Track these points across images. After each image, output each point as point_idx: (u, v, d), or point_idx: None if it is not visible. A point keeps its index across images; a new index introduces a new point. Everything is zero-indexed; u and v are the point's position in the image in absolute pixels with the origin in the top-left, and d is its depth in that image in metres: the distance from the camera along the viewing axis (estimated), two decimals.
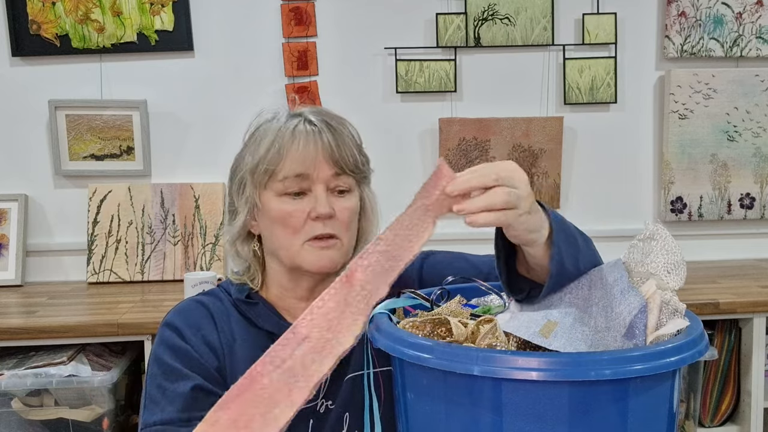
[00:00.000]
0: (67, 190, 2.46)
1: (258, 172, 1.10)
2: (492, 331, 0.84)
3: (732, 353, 2.16)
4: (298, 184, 1.08)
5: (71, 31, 2.39)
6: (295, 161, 1.08)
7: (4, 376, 1.83)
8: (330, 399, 1.10)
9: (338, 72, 2.48)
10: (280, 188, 1.09)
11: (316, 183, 1.08)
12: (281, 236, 1.10)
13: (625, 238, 2.50)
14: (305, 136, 1.08)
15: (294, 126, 1.10)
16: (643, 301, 0.84)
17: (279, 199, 1.09)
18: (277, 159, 1.08)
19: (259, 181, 1.10)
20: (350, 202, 1.12)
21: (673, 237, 0.91)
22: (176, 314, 1.15)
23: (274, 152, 1.08)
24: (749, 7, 2.54)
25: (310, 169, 1.08)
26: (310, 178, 1.08)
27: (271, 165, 1.08)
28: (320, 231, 1.08)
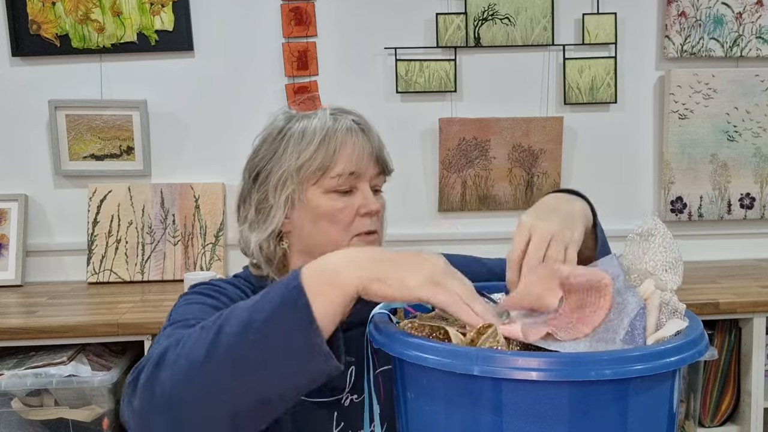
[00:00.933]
0: (67, 190, 2.46)
1: (307, 170, 1.11)
2: (492, 335, 0.84)
3: (732, 353, 2.16)
4: (350, 182, 1.11)
5: (71, 31, 2.39)
6: (350, 160, 1.11)
7: (4, 376, 1.83)
8: (356, 393, 1.11)
9: (338, 72, 2.48)
10: (331, 185, 1.11)
11: (363, 181, 1.12)
12: (328, 232, 1.11)
13: (625, 239, 2.52)
14: (358, 136, 1.12)
15: (345, 126, 1.12)
16: (642, 303, 0.84)
17: (327, 196, 1.11)
18: (331, 158, 1.10)
19: (307, 179, 1.11)
20: (383, 200, 1.17)
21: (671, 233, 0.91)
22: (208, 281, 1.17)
23: (328, 151, 1.10)
24: (749, 7, 2.54)
25: (362, 167, 1.12)
26: (360, 176, 1.12)
27: (326, 161, 1.10)
28: (368, 227, 1.12)
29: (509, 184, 2.53)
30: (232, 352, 0.80)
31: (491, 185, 2.53)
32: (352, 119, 1.14)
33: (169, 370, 0.82)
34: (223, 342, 0.80)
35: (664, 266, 0.88)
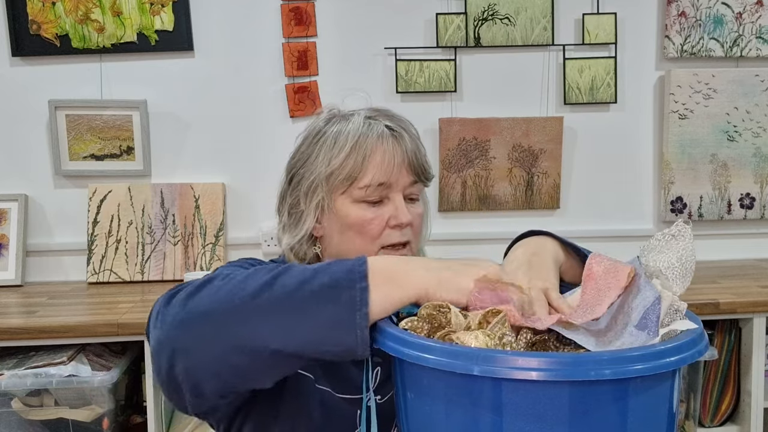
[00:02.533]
0: (67, 190, 2.46)
1: (337, 178, 1.08)
2: (501, 321, 0.84)
3: (732, 353, 2.16)
4: (380, 193, 1.08)
5: (71, 31, 2.39)
6: (379, 170, 1.08)
7: (4, 376, 1.84)
8: (379, 394, 1.11)
9: (338, 72, 2.48)
10: (360, 195, 1.08)
11: (394, 191, 1.09)
12: (356, 242, 1.09)
13: (625, 238, 2.52)
14: (388, 144, 1.09)
15: (376, 132, 1.09)
16: (657, 294, 0.84)
17: (357, 206, 1.09)
18: (360, 167, 1.07)
19: (336, 187, 1.09)
20: (420, 208, 1.13)
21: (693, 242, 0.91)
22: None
23: (357, 160, 1.07)
24: (749, 7, 2.54)
25: (393, 177, 1.08)
26: (391, 186, 1.09)
27: (355, 172, 1.07)
28: (397, 239, 1.09)
29: (509, 184, 2.53)
30: (281, 299, 0.82)
31: (491, 185, 2.53)
32: (386, 124, 1.11)
33: (211, 294, 0.85)
34: (276, 287, 0.83)
35: (676, 270, 0.88)
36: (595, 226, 2.55)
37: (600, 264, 0.91)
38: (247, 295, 0.83)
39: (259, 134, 2.46)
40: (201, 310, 0.85)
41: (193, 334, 0.85)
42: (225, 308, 0.84)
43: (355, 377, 1.10)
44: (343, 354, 0.83)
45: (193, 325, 0.85)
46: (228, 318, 0.84)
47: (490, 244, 2.49)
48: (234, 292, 0.84)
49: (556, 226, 2.50)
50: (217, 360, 0.85)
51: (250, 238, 2.44)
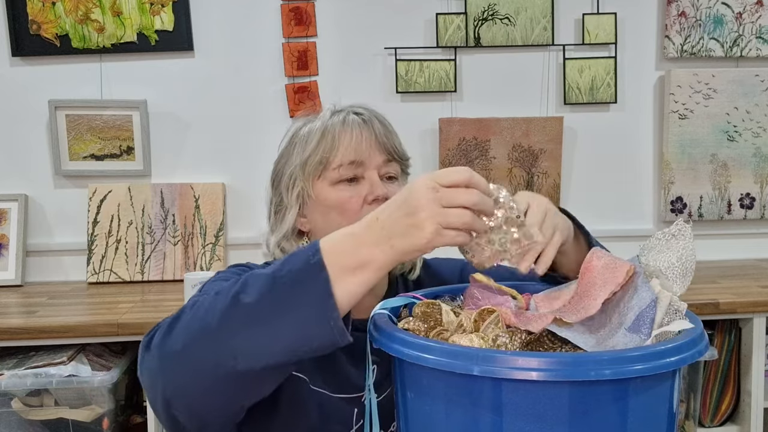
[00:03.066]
0: (67, 190, 2.46)
1: (311, 165, 1.13)
2: (494, 321, 0.84)
3: (732, 353, 2.16)
4: (353, 171, 1.12)
5: (71, 31, 2.39)
6: (349, 148, 1.11)
7: (4, 376, 1.83)
8: (377, 393, 1.11)
9: (338, 72, 2.48)
10: (335, 176, 1.12)
11: (368, 169, 1.12)
12: (339, 223, 1.10)
13: (625, 238, 2.52)
14: (357, 125, 1.13)
15: (343, 117, 1.14)
16: (654, 296, 0.84)
17: (334, 188, 1.12)
18: (330, 148, 1.12)
19: (311, 173, 1.13)
20: (398, 188, 1.15)
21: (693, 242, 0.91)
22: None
23: (327, 142, 1.12)
24: (749, 7, 2.54)
25: (363, 155, 1.12)
26: (364, 164, 1.12)
27: (325, 154, 1.12)
28: None
29: (509, 184, 2.53)
30: (250, 316, 0.83)
31: None
32: (353, 111, 1.15)
33: (183, 330, 0.85)
34: (240, 307, 0.83)
35: (676, 270, 0.88)
36: (595, 226, 2.53)
37: (600, 259, 0.91)
38: (217, 321, 0.83)
39: (259, 134, 2.46)
40: (178, 350, 0.85)
41: (179, 375, 0.85)
42: (200, 341, 0.84)
43: (351, 376, 1.11)
44: (326, 348, 0.83)
45: (176, 366, 0.85)
46: (206, 350, 0.84)
47: None
48: (205, 322, 0.84)
49: None
50: (210, 392, 0.85)
51: (250, 238, 2.44)
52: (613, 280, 0.87)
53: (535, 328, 0.83)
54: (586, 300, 0.88)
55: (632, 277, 0.88)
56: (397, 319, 0.96)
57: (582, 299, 0.88)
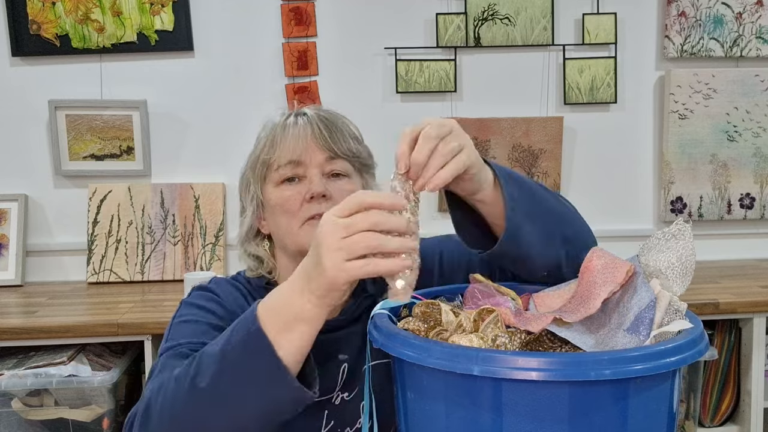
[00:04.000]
0: (67, 190, 2.46)
1: (257, 167, 1.16)
2: (494, 321, 0.84)
3: (732, 353, 2.16)
4: (292, 170, 1.12)
5: (71, 31, 2.39)
6: (287, 149, 1.12)
7: (4, 376, 1.83)
8: (346, 391, 1.13)
9: (338, 72, 2.48)
10: (277, 177, 1.13)
11: (309, 168, 1.12)
12: (283, 222, 1.14)
13: (625, 238, 2.52)
14: (295, 127, 1.13)
15: (285, 119, 1.15)
16: (653, 296, 0.84)
17: (278, 188, 1.14)
18: (271, 150, 1.13)
19: (259, 175, 1.16)
20: (349, 185, 1.14)
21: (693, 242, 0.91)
22: (208, 283, 1.19)
23: (268, 145, 1.14)
24: (749, 7, 2.54)
25: (302, 155, 1.12)
26: (304, 164, 1.12)
27: (266, 156, 1.14)
28: (316, 211, 1.10)
29: None
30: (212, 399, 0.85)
31: None
32: (303, 113, 1.15)
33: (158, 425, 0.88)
34: (200, 394, 0.85)
35: (675, 270, 0.88)
36: (595, 226, 2.53)
37: (600, 258, 0.91)
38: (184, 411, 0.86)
39: None
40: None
41: None
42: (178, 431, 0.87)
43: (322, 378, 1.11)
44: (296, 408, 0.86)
45: None
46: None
47: None
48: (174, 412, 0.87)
49: None
50: None
51: None
52: (612, 280, 0.87)
53: (534, 328, 0.83)
54: (585, 300, 0.88)
55: (632, 277, 0.88)
56: (397, 319, 0.96)
57: (581, 299, 0.88)
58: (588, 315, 0.85)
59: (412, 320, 0.92)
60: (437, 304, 0.90)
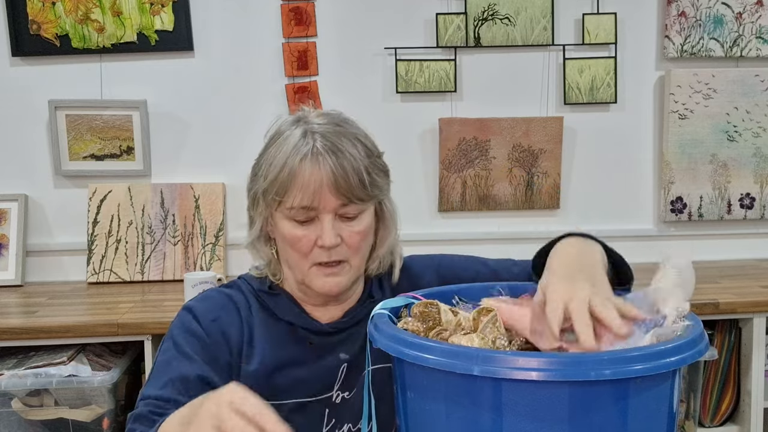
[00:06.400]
0: (67, 190, 2.46)
1: (268, 196, 1.11)
2: (492, 320, 0.84)
3: (732, 353, 2.16)
4: (305, 214, 1.08)
5: (71, 31, 2.39)
6: (301, 193, 1.07)
7: (4, 376, 1.83)
8: (346, 390, 1.14)
9: (338, 72, 2.48)
10: (289, 214, 1.10)
11: (322, 212, 1.08)
12: (291, 256, 1.12)
13: (625, 238, 2.52)
14: (312, 166, 1.06)
15: (303, 153, 1.07)
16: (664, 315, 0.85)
17: (289, 222, 1.10)
18: (283, 190, 1.08)
19: (270, 203, 1.11)
20: (360, 225, 1.11)
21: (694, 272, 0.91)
22: (199, 301, 1.17)
23: (281, 181, 1.08)
24: (749, 7, 2.53)
25: (315, 201, 1.07)
26: (317, 209, 1.08)
27: (278, 195, 1.09)
28: (326, 258, 1.09)
29: (509, 184, 2.53)
30: None
31: (491, 185, 2.53)
32: (319, 143, 1.07)
33: None
34: None
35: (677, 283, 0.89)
36: (595, 226, 2.54)
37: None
38: None
39: (259, 134, 2.44)
40: None
41: None
42: None
43: (321, 377, 1.13)
44: None
45: None
46: None
47: (490, 244, 2.49)
48: None
49: (557, 226, 2.49)
50: None
51: None
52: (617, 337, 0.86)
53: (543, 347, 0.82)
54: None
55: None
56: (397, 319, 0.96)
57: None
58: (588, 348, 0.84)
59: (411, 320, 0.92)
60: (435, 304, 0.90)
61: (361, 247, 1.12)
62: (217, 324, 1.12)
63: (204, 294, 1.20)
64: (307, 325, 1.15)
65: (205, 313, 1.13)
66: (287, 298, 1.17)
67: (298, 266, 1.12)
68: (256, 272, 1.21)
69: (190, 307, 1.15)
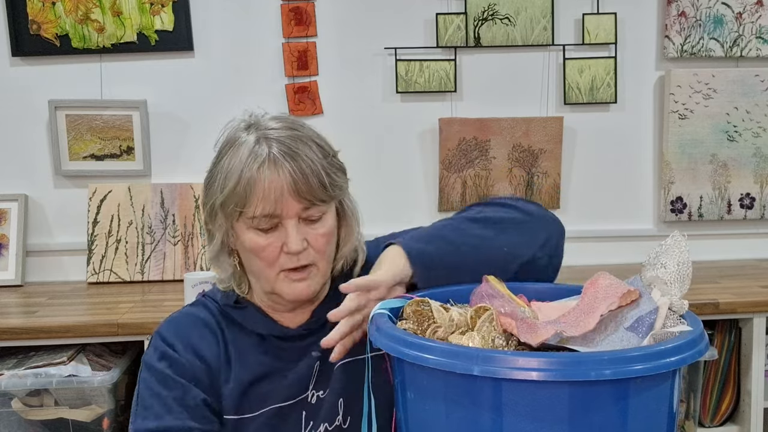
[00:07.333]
0: (67, 190, 2.46)
1: (228, 208, 1.08)
2: (488, 319, 0.84)
3: (732, 353, 2.16)
4: (268, 222, 1.06)
5: (71, 31, 2.39)
6: (262, 202, 1.05)
7: (4, 376, 1.83)
8: (321, 389, 1.13)
9: (338, 72, 2.48)
10: (251, 224, 1.07)
11: (285, 218, 1.06)
12: (257, 266, 1.10)
13: (625, 238, 2.53)
14: (270, 173, 1.05)
15: (259, 161, 1.05)
16: (655, 305, 0.85)
17: (252, 232, 1.08)
18: (243, 200, 1.06)
19: (229, 215, 1.09)
20: (324, 227, 1.10)
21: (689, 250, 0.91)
22: (169, 327, 1.15)
23: (240, 192, 1.06)
24: (749, 7, 2.54)
25: (278, 208, 1.05)
26: (280, 215, 1.06)
27: (238, 206, 1.06)
28: (293, 264, 1.08)
29: (509, 184, 2.53)
30: None
31: (491, 185, 2.53)
32: (276, 149, 1.05)
33: None
34: None
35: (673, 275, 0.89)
36: (595, 226, 2.55)
37: (606, 279, 0.91)
38: None
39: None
40: None
41: None
42: None
43: (296, 380, 1.12)
44: None
45: None
46: None
47: None
48: None
49: None
50: None
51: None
52: (614, 294, 0.87)
53: (533, 341, 0.82)
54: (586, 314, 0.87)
55: (635, 300, 0.88)
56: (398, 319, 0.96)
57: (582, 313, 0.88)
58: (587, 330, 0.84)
59: (406, 322, 0.92)
60: (427, 302, 0.90)
61: (326, 249, 1.11)
62: (191, 348, 1.11)
63: (171, 318, 1.18)
64: (277, 333, 1.14)
65: (177, 339, 1.12)
66: (255, 310, 1.16)
67: (265, 275, 1.09)
68: (222, 286, 1.18)
69: (161, 334, 1.14)
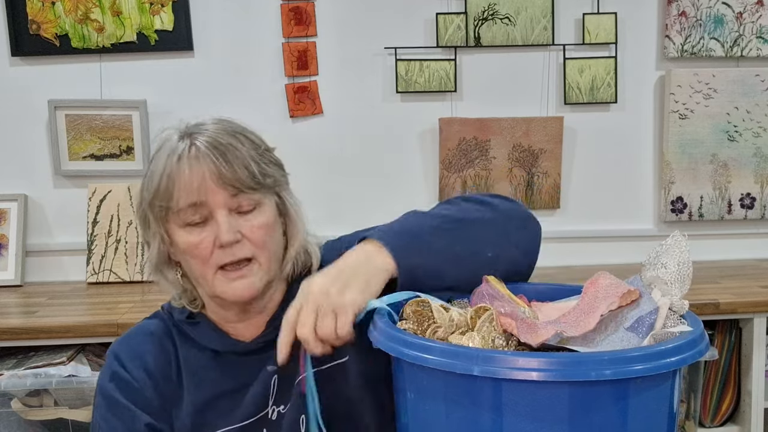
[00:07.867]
0: (66, 190, 2.46)
1: (156, 208, 1.05)
2: (488, 319, 0.84)
3: (732, 353, 2.16)
4: (197, 213, 1.02)
5: (71, 31, 2.39)
6: (185, 192, 1.01)
7: (4, 376, 1.83)
8: (281, 404, 1.08)
9: (338, 72, 2.48)
10: (180, 221, 1.03)
11: (215, 209, 1.02)
12: (194, 267, 1.05)
13: (625, 238, 2.52)
14: (190, 163, 1.02)
15: (178, 154, 1.03)
16: (655, 305, 0.85)
17: (183, 230, 1.04)
18: (167, 194, 1.02)
19: (159, 216, 1.05)
20: (261, 218, 1.05)
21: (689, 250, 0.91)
22: (122, 343, 1.14)
23: (164, 187, 1.03)
24: (749, 7, 2.53)
25: (203, 196, 1.01)
26: (207, 204, 1.02)
27: (164, 201, 1.03)
28: (229, 258, 1.03)
29: (509, 184, 2.53)
30: None
31: (491, 185, 2.52)
32: (199, 139, 1.04)
33: None
34: None
35: (673, 275, 0.89)
36: (595, 226, 2.55)
37: (606, 279, 0.91)
38: None
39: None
40: None
41: None
42: None
43: (255, 397, 1.08)
44: None
45: None
46: None
47: None
48: None
49: (556, 226, 2.50)
50: None
51: None
52: (614, 293, 0.87)
53: (533, 341, 0.82)
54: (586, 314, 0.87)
55: (635, 300, 0.87)
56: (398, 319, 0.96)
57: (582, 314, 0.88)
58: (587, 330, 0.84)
59: (406, 322, 0.91)
60: (427, 302, 0.90)
61: (266, 242, 1.05)
62: (141, 363, 1.10)
63: (127, 332, 1.15)
64: (231, 348, 1.10)
65: (127, 356, 1.10)
66: (207, 326, 1.11)
67: (203, 276, 1.05)
68: (175, 303, 1.14)
69: (113, 351, 1.12)
